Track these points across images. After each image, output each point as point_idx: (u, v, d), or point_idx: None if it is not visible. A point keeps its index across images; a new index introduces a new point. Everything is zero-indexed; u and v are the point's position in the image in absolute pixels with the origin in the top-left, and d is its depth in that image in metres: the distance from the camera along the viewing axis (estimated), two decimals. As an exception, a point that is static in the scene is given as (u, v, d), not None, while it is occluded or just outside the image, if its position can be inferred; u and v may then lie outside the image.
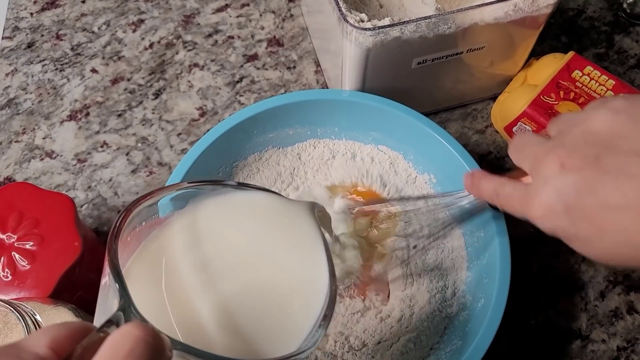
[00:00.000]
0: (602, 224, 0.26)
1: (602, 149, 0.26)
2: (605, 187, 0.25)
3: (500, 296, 0.38)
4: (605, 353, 0.45)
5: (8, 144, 0.54)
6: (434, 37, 0.43)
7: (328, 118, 0.48)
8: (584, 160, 0.27)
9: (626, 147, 0.26)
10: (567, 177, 0.27)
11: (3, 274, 0.37)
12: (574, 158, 0.27)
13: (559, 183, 0.27)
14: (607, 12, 0.63)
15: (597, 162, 0.26)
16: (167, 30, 0.61)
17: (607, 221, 0.25)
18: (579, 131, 0.28)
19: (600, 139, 0.27)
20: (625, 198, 0.25)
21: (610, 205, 0.25)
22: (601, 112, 0.28)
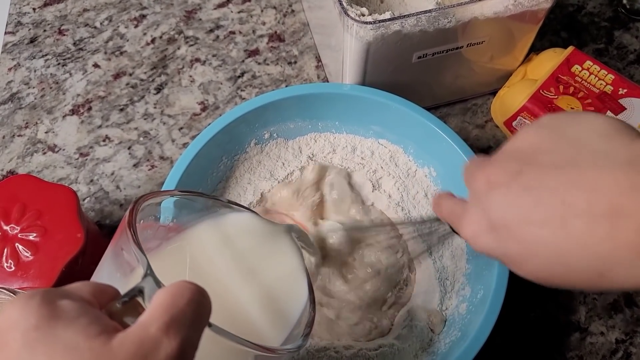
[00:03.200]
0: (527, 242, 0.25)
1: (524, 164, 0.26)
2: (526, 202, 0.25)
3: (499, 288, 0.38)
4: (604, 345, 0.45)
5: (11, 138, 0.54)
6: (434, 31, 0.43)
7: (329, 112, 0.48)
8: (507, 177, 0.26)
9: (546, 161, 0.25)
10: (492, 194, 0.27)
11: (7, 265, 0.37)
12: (498, 175, 0.27)
13: (485, 200, 0.27)
14: (607, 8, 0.63)
15: (519, 178, 0.26)
16: (169, 26, 0.61)
17: (531, 238, 0.25)
18: (507, 148, 0.28)
19: (524, 155, 0.26)
20: (545, 213, 0.24)
21: (532, 221, 0.25)
22: (528, 128, 0.28)
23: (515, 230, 0.25)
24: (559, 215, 0.24)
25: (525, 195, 0.25)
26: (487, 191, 0.27)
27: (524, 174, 0.26)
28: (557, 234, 0.24)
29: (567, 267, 0.24)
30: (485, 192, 0.27)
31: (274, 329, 0.30)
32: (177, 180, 0.42)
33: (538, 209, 0.24)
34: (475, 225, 0.28)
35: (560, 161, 0.25)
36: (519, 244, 0.26)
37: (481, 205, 0.27)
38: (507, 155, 0.28)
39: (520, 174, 0.26)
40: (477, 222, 0.28)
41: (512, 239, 0.26)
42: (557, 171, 0.24)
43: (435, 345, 0.41)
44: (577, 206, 0.23)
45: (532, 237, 0.25)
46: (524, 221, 0.25)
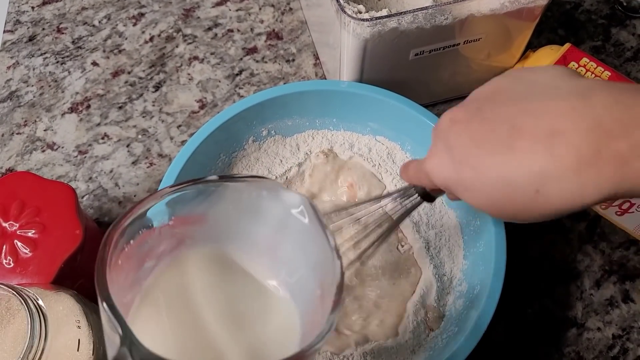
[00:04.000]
0: (479, 165, 0.28)
1: (485, 102, 0.29)
2: (481, 131, 0.28)
3: (496, 283, 0.39)
4: (601, 341, 0.45)
5: (10, 136, 0.54)
6: (431, 28, 0.43)
7: (326, 109, 0.48)
8: (468, 114, 0.29)
9: (503, 98, 0.28)
10: (453, 128, 0.30)
11: (5, 262, 0.38)
12: (461, 112, 0.30)
13: (447, 134, 0.30)
14: (604, 5, 0.63)
15: (478, 112, 0.29)
16: (167, 24, 0.62)
17: (482, 161, 0.27)
18: (473, 93, 0.31)
19: (486, 95, 0.30)
20: (496, 138, 0.27)
21: (485, 146, 0.27)
22: (494, 78, 0.31)
23: (469, 156, 0.28)
24: (508, 138, 0.26)
25: (481, 126, 0.28)
26: (449, 127, 0.30)
27: (482, 109, 0.29)
28: (505, 155, 0.27)
29: (509, 185, 0.27)
30: (447, 128, 0.30)
31: None
32: (175, 177, 0.42)
33: (491, 135, 0.27)
34: (436, 156, 0.31)
35: (516, 96, 0.28)
36: (471, 168, 0.28)
37: (443, 139, 0.30)
38: (471, 99, 0.31)
39: (479, 109, 0.29)
40: (438, 154, 0.31)
41: (466, 164, 0.28)
42: (511, 102, 0.28)
43: (432, 341, 0.41)
44: (524, 129, 0.26)
45: (484, 160, 0.27)
46: (478, 147, 0.28)
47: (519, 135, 0.26)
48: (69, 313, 0.34)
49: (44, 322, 0.31)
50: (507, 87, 0.29)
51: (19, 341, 0.33)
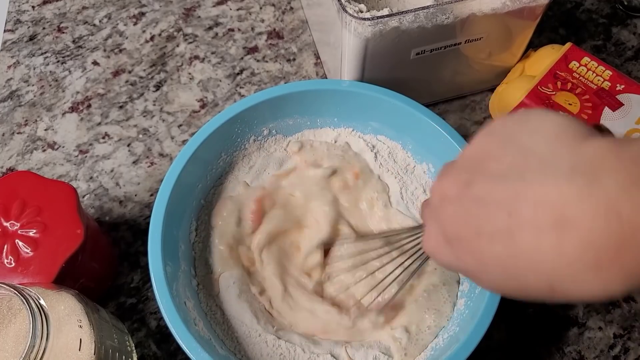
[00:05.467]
0: (479, 254, 0.24)
1: (473, 174, 0.25)
2: (476, 216, 0.24)
3: None
4: (602, 340, 0.45)
5: (10, 136, 0.54)
6: (432, 27, 0.43)
7: (327, 108, 0.48)
8: (458, 188, 0.25)
9: (494, 170, 0.24)
10: (446, 208, 0.26)
11: (7, 261, 0.38)
12: (451, 186, 0.26)
13: (439, 214, 0.27)
14: (605, 5, 0.63)
15: (468, 190, 0.25)
16: (168, 23, 0.62)
17: (483, 253, 0.24)
18: (461, 157, 0.27)
19: (474, 164, 0.26)
20: (494, 226, 0.23)
21: (483, 234, 0.24)
22: (480, 135, 0.27)
23: (468, 244, 0.25)
24: (507, 227, 0.23)
25: (475, 208, 0.24)
26: (440, 205, 0.27)
27: (474, 184, 0.25)
28: (507, 247, 0.23)
29: (519, 281, 0.24)
30: (439, 206, 0.27)
31: None
32: (176, 177, 0.42)
33: (487, 222, 0.24)
34: (433, 240, 0.28)
35: (508, 170, 0.24)
36: (472, 257, 0.25)
37: (436, 219, 0.27)
38: (460, 165, 0.27)
39: (469, 185, 0.25)
40: (435, 237, 0.27)
41: (467, 253, 0.25)
42: (504, 182, 0.23)
43: (434, 341, 0.41)
44: (523, 218, 0.22)
45: (484, 249, 0.24)
46: (476, 235, 0.24)
47: (518, 227, 0.22)
48: (70, 312, 0.34)
49: (46, 322, 0.31)
50: (496, 153, 0.25)
51: (21, 341, 0.33)
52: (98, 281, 0.45)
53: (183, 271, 0.42)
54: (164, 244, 0.40)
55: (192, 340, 0.36)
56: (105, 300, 0.46)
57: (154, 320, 0.46)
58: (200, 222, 0.45)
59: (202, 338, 0.38)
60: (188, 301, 0.40)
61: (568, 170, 0.22)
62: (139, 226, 0.50)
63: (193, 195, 0.45)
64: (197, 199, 0.45)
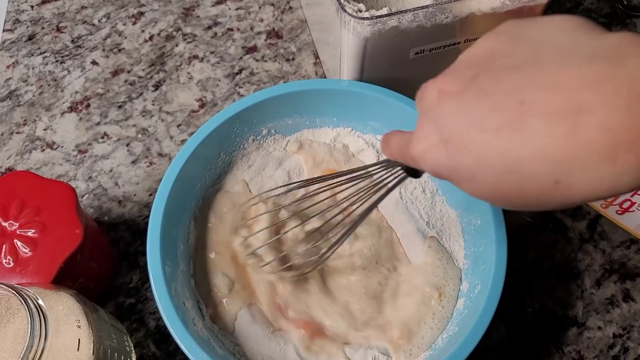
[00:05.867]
0: (479, 151, 0.23)
1: (479, 69, 0.24)
2: (480, 108, 0.23)
3: (496, 283, 0.38)
4: (602, 340, 0.45)
5: (9, 135, 0.54)
6: (432, 27, 0.43)
7: (327, 108, 0.48)
8: (461, 84, 0.24)
9: (503, 64, 0.23)
10: (444, 104, 0.24)
11: (5, 261, 0.38)
12: (451, 82, 0.24)
13: (436, 112, 0.25)
14: (605, 4, 0.63)
15: (474, 83, 0.23)
16: (167, 23, 0.61)
17: (484, 146, 0.22)
18: (462, 57, 0.26)
19: (480, 61, 0.24)
20: (500, 117, 0.22)
21: (486, 127, 0.22)
22: (486, 35, 0.25)
23: (467, 140, 0.23)
24: (516, 117, 0.21)
25: (480, 101, 0.23)
26: (438, 101, 0.25)
27: (479, 79, 0.23)
28: (512, 138, 0.21)
29: (520, 175, 0.22)
30: (436, 103, 0.25)
31: None
32: (175, 176, 0.42)
33: (493, 114, 0.22)
34: (424, 140, 0.25)
35: (518, 62, 0.22)
36: (470, 154, 0.23)
37: (432, 118, 0.25)
38: (460, 64, 0.25)
39: (474, 79, 0.23)
40: (427, 137, 0.25)
41: (463, 150, 0.23)
42: (515, 71, 0.22)
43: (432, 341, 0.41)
44: (536, 105, 0.21)
45: (486, 145, 0.22)
46: (478, 129, 0.23)
47: (530, 114, 0.21)
48: (69, 313, 0.34)
49: (44, 322, 0.31)
50: (505, 49, 0.24)
51: (19, 341, 0.32)
52: (97, 281, 0.45)
53: (182, 271, 0.42)
54: (162, 244, 0.40)
55: (190, 340, 0.36)
56: (104, 300, 0.46)
57: (152, 320, 0.46)
58: (199, 221, 0.45)
59: (200, 338, 0.38)
60: (187, 301, 0.40)
61: (588, 55, 0.21)
62: (138, 226, 0.50)
63: (192, 195, 0.45)
64: (195, 199, 0.45)
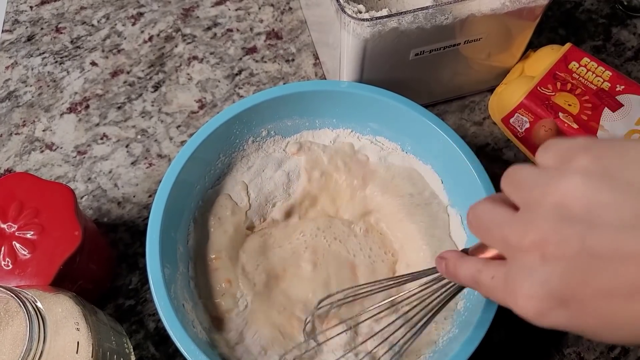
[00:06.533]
0: (609, 318, 0.22)
1: (585, 229, 0.22)
2: (601, 274, 0.22)
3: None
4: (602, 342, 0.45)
5: (8, 136, 0.54)
6: (432, 28, 0.43)
7: (326, 109, 0.48)
8: (567, 246, 0.22)
9: (611, 221, 0.21)
10: (552, 268, 0.23)
11: (4, 263, 0.37)
12: (555, 244, 0.23)
13: (544, 276, 0.23)
14: (605, 5, 0.63)
15: (583, 246, 0.22)
16: (167, 24, 0.61)
17: (615, 314, 0.22)
18: (550, 205, 0.23)
19: (579, 215, 0.22)
20: (630, 284, 0.21)
21: (613, 294, 0.22)
22: (569, 179, 0.23)
23: (592, 305, 0.22)
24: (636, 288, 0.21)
25: (598, 266, 0.22)
26: (543, 264, 0.23)
27: (589, 239, 0.22)
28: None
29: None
30: (540, 266, 0.23)
31: None
32: (174, 178, 0.42)
33: (619, 281, 0.21)
34: (537, 303, 0.24)
35: (631, 218, 0.21)
36: (599, 319, 0.22)
37: (538, 279, 0.23)
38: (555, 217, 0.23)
39: (584, 240, 0.22)
40: (539, 300, 0.24)
41: (589, 315, 0.23)
42: (631, 232, 0.21)
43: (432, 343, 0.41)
44: None
45: (616, 312, 0.22)
46: (603, 295, 0.22)
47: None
48: (68, 315, 0.34)
49: (43, 325, 0.31)
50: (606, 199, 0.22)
51: (18, 343, 0.32)
52: (96, 283, 0.45)
53: (181, 273, 0.41)
54: (162, 246, 0.39)
55: (190, 342, 0.36)
56: (103, 302, 0.46)
57: (152, 322, 0.45)
58: (199, 223, 0.45)
59: (200, 340, 0.38)
60: (186, 303, 0.40)
61: None
62: (137, 227, 0.49)
63: (191, 197, 0.45)
64: (195, 200, 0.45)
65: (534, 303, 0.24)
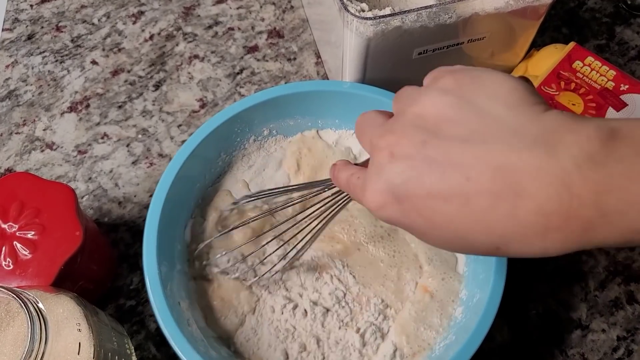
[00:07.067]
0: (430, 216, 0.25)
1: (429, 135, 0.25)
2: (430, 176, 0.25)
3: (495, 292, 0.38)
4: (605, 342, 0.45)
5: (9, 136, 0.54)
6: (435, 27, 0.43)
7: (329, 109, 0.47)
8: (411, 148, 0.25)
9: (451, 132, 0.25)
10: (396, 166, 0.26)
11: (5, 263, 0.37)
12: (403, 146, 0.26)
13: (388, 173, 0.26)
14: (608, 4, 0.62)
15: (424, 149, 0.25)
16: (167, 22, 0.61)
17: (435, 213, 0.25)
18: (411, 114, 0.27)
19: (429, 124, 0.26)
20: (449, 187, 0.24)
21: (435, 195, 0.24)
22: (432, 93, 0.26)
23: (419, 203, 0.25)
24: (463, 191, 0.24)
25: (430, 169, 0.25)
26: (390, 162, 0.26)
27: (428, 145, 0.25)
28: (460, 210, 0.24)
29: (467, 240, 0.25)
30: (388, 163, 0.26)
31: None
32: (174, 175, 0.42)
33: (442, 184, 0.24)
34: (378, 196, 0.27)
35: (467, 134, 0.24)
36: (422, 217, 0.25)
37: (384, 176, 0.27)
38: (410, 124, 0.26)
39: (424, 144, 0.25)
40: (380, 194, 0.27)
41: (415, 211, 0.26)
42: (463, 145, 0.24)
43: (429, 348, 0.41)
44: (482, 184, 0.23)
45: (436, 211, 0.25)
46: (428, 195, 0.25)
47: (476, 190, 0.23)
48: (69, 316, 0.33)
49: (44, 325, 0.31)
50: (453, 115, 0.25)
51: (19, 344, 0.32)
52: (97, 283, 0.44)
53: (178, 271, 0.41)
54: (159, 244, 0.39)
55: (184, 341, 0.36)
56: (104, 302, 0.46)
57: (153, 323, 0.45)
58: (198, 221, 0.45)
59: (194, 339, 0.37)
60: (182, 301, 0.40)
61: (530, 139, 0.23)
62: (138, 227, 0.49)
63: (191, 195, 0.45)
64: (194, 198, 0.45)
65: (377, 197, 0.27)
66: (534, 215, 0.22)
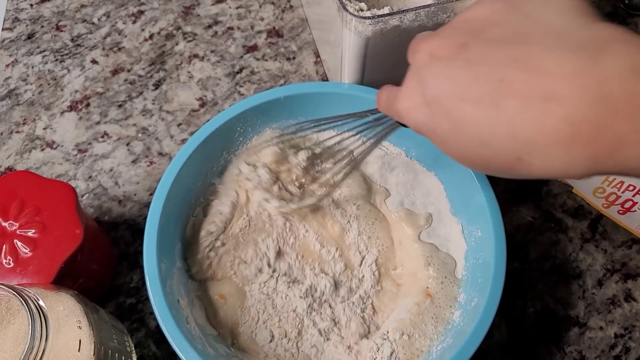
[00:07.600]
0: (458, 119, 0.24)
1: (472, 37, 0.24)
2: (464, 78, 0.24)
3: (493, 297, 0.38)
4: (603, 340, 0.45)
5: (9, 135, 0.54)
6: (434, 26, 0.43)
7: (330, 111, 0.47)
8: (451, 49, 0.25)
9: (493, 35, 0.24)
10: (433, 67, 0.25)
11: (5, 262, 0.37)
12: (443, 47, 0.25)
13: (424, 73, 0.26)
14: (606, 3, 0.63)
15: (464, 51, 0.24)
16: (167, 22, 0.61)
17: (462, 115, 0.24)
18: (459, 19, 0.26)
19: (472, 27, 0.25)
20: (481, 90, 0.23)
21: (466, 97, 0.24)
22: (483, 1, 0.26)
23: (447, 105, 0.24)
24: (495, 93, 0.23)
25: (466, 70, 0.24)
26: (428, 63, 0.26)
27: (468, 47, 0.24)
28: (488, 113, 0.23)
29: (489, 147, 0.24)
30: (426, 64, 0.26)
31: None
32: (176, 173, 0.42)
33: (475, 86, 0.23)
34: (409, 98, 0.27)
35: (509, 36, 0.23)
36: (449, 120, 0.25)
37: (420, 78, 0.26)
38: (455, 27, 0.26)
39: (464, 46, 0.24)
40: (412, 95, 0.27)
41: (443, 114, 0.25)
42: (502, 46, 0.23)
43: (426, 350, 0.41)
44: (514, 86, 0.22)
45: (464, 114, 0.24)
46: (459, 97, 0.24)
47: (507, 92, 0.22)
48: (69, 313, 0.33)
49: (45, 323, 0.31)
50: (499, 19, 0.24)
51: (20, 342, 0.32)
52: (97, 281, 0.45)
53: (178, 268, 0.41)
54: (159, 241, 0.39)
55: (182, 339, 0.36)
56: (104, 300, 0.46)
57: (153, 321, 0.45)
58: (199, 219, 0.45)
59: (192, 337, 0.38)
60: (182, 299, 0.40)
61: (574, 43, 0.21)
62: (138, 226, 0.49)
63: (192, 193, 0.45)
64: (196, 197, 0.45)
65: (408, 99, 0.27)
66: (562, 122, 0.21)
